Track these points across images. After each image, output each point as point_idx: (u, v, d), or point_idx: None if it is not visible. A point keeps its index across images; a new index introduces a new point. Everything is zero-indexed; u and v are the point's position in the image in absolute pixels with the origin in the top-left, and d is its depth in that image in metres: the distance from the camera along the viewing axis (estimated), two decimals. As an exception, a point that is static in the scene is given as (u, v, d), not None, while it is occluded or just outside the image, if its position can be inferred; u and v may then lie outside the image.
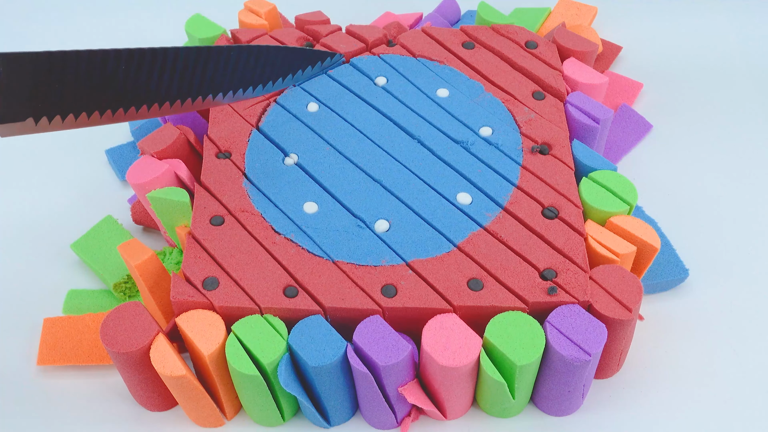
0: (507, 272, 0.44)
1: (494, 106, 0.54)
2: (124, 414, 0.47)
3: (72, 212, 0.59)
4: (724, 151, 0.61)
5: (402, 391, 0.42)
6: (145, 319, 0.43)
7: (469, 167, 0.50)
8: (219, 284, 0.44)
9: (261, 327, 0.42)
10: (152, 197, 0.47)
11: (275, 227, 0.47)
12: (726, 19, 0.72)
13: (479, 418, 0.46)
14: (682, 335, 0.50)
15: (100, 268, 0.54)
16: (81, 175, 0.62)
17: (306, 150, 0.51)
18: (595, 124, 0.53)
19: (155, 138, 0.51)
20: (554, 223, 0.47)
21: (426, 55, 0.58)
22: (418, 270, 0.44)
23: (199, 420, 0.46)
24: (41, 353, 0.49)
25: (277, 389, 0.43)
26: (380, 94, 0.55)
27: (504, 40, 0.59)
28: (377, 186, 0.49)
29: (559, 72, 0.56)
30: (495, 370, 0.41)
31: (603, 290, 0.43)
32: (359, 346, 0.41)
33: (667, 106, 0.65)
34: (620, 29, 0.71)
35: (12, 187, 0.61)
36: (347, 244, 0.46)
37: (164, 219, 0.49)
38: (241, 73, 0.47)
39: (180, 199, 0.47)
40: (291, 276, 0.44)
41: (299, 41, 0.60)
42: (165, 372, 0.41)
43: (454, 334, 0.41)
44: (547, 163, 0.50)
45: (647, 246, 0.46)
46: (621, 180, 0.48)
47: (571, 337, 0.41)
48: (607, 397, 0.47)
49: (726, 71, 0.67)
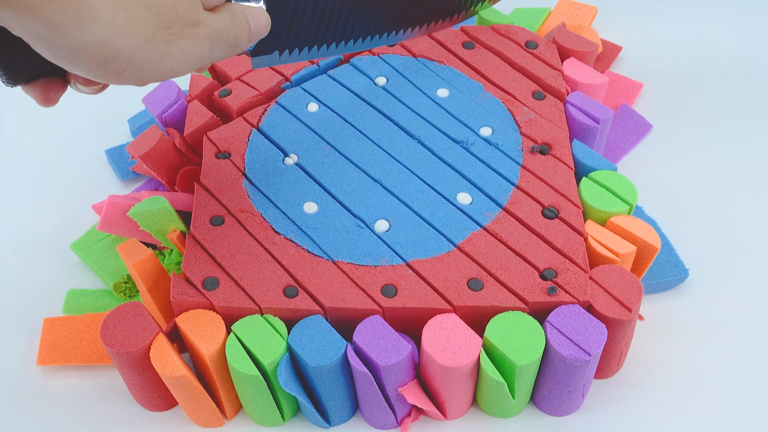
0: (507, 272, 0.44)
1: (494, 106, 0.54)
2: (124, 414, 0.47)
3: (72, 212, 0.59)
4: (724, 151, 0.61)
5: (402, 391, 0.42)
6: (145, 319, 0.43)
7: (469, 167, 0.50)
8: (219, 284, 0.44)
9: (261, 327, 0.42)
10: (133, 214, 0.48)
11: (275, 227, 0.47)
12: (726, 19, 0.72)
13: (479, 418, 0.46)
14: (682, 335, 0.50)
15: (100, 268, 0.54)
16: (81, 175, 0.62)
17: (306, 150, 0.51)
18: (595, 124, 0.52)
19: (140, 141, 0.53)
20: (554, 223, 0.47)
21: (426, 55, 0.58)
22: (418, 270, 0.44)
23: (199, 420, 0.46)
24: (41, 353, 0.49)
25: (277, 389, 0.43)
26: (380, 94, 0.55)
27: (504, 40, 0.59)
28: (377, 186, 0.49)
29: (559, 72, 0.56)
30: (495, 370, 0.41)
31: (603, 290, 0.43)
32: (359, 346, 0.41)
33: (667, 106, 0.65)
34: (620, 29, 0.71)
35: (12, 187, 0.61)
36: (347, 244, 0.46)
37: (153, 231, 0.49)
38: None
39: (159, 206, 0.48)
40: (291, 276, 0.44)
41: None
42: (165, 372, 0.41)
43: (454, 334, 0.41)
44: (547, 163, 0.50)
45: (647, 246, 0.46)
46: (621, 180, 0.48)
47: (571, 337, 0.41)
48: (607, 397, 0.47)
49: (726, 71, 0.67)
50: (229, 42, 0.37)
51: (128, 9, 0.31)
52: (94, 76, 0.33)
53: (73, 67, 0.32)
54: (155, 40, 0.33)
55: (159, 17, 0.33)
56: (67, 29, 0.30)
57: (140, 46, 0.32)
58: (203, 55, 0.35)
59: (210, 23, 0.35)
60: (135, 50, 0.32)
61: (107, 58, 0.32)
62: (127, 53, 0.32)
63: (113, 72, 0.33)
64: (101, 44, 0.31)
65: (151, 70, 0.34)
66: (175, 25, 0.33)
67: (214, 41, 0.36)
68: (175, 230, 0.49)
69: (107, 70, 0.32)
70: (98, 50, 0.31)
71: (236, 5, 0.38)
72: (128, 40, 0.32)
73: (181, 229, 0.49)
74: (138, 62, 0.33)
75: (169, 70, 0.34)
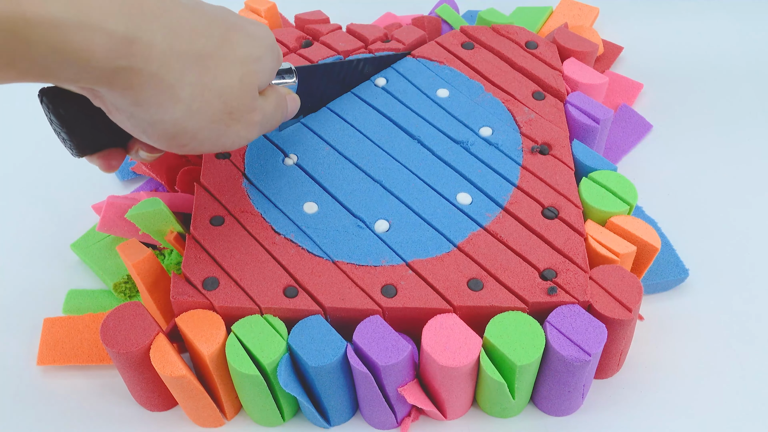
0: (507, 272, 0.44)
1: (494, 106, 0.54)
2: (124, 414, 0.47)
3: (72, 212, 0.59)
4: (725, 151, 0.61)
5: (402, 391, 0.42)
6: (145, 319, 0.43)
7: (469, 167, 0.50)
8: (219, 284, 0.44)
9: (261, 327, 0.42)
10: (131, 216, 0.48)
11: (275, 227, 0.47)
12: (726, 19, 0.72)
13: (479, 418, 0.46)
14: (682, 335, 0.50)
15: (100, 268, 0.54)
16: (81, 175, 0.62)
17: (306, 150, 0.51)
18: (595, 124, 0.52)
19: None
20: (554, 223, 0.47)
21: (426, 56, 0.58)
22: (418, 270, 0.44)
23: (199, 420, 0.46)
24: (41, 353, 0.49)
25: (277, 389, 0.43)
26: (380, 94, 0.55)
27: (504, 40, 0.59)
28: (377, 186, 0.49)
29: (559, 72, 0.56)
30: (495, 370, 0.41)
31: (603, 290, 0.43)
32: (359, 346, 0.41)
33: (667, 106, 0.65)
34: (621, 30, 0.71)
35: (12, 187, 0.61)
36: (347, 244, 0.46)
37: (152, 231, 0.49)
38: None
39: (155, 208, 0.48)
40: (291, 276, 0.44)
41: (298, 40, 0.60)
42: (165, 372, 0.41)
43: (454, 334, 0.41)
44: (547, 163, 0.50)
45: (647, 246, 0.46)
46: (621, 180, 0.48)
47: (571, 337, 0.41)
48: (607, 397, 0.47)
49: (726, 71, 0.67)
50: (272, 124, 0.43)
51: (204, 96, 0.36)
52: (159, 146, 0.38)
53: (144, 137, 0.37)
54: (219, 123, 0.38)
55: (226, 104, 0.37)
56: (151, 107, 0.35)
57: (206, 127, 0.37)
58: (251, 138, 0.40)
59: (262, 109, 0.40)
60: (201, 130, 0.37)
61: (176, 134, 0.37)
62: (193, 131, 0.37)
63: (177, 145, 0.37)
64: (175, 123, 0.36)
65: (209, 146, 0.39)
66: (237, 111, 0.38)
67: (263, 125, 0.41)
68: (172, 231, 0.49)
69: (173, 142, 0.37)
70: (171, 127, 0.36)
71: (280, 88, 0.44)
72: (197, 122, 0.37)
73: (178, 230, 0.49)
74: (200, 139, 0.38)
75: (222, 146, 0.39)
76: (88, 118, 0.39)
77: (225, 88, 0.37)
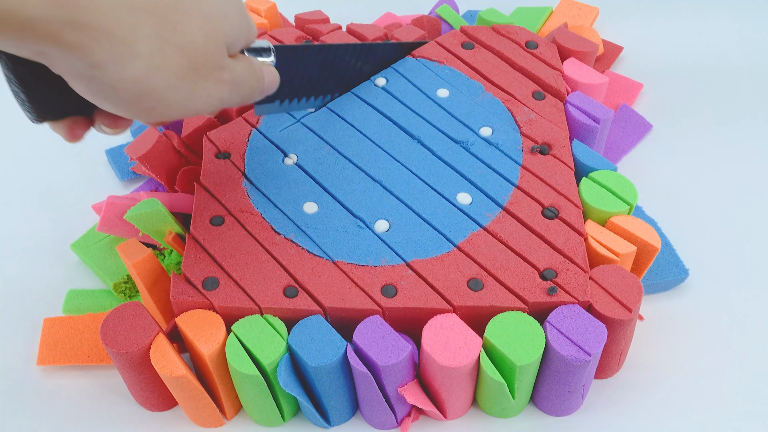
0: (507, 272, 0.44)
1: (494, 106, 0.54)
2: (124, 414, 0.47)
3: (72, 212, 0.59)
4: (725, 151, 0.61)
5: (402, 391, 0.42)
6: (145, 319, 0.43)
7: (469, 167, 0.50)
8: (219, 284, 0.44)
9: (261, 327, 0.42)
10: (129, 217, 0.48)
11: (275, 227, 0.47)
12: (726, 19, 0.72)
13: (479, 418, 0.46)
14: (682, 335, 0.50)
15: (100, 268, 0.54)
16: (81, 175, 0.62)
17: (306, 150, 0.51)
18: (595, 124, 0.52)
19: (138, 143, 0.53)
20: (554, 223, 0.47)
21: (426, 56, 0.58)
22: (418, 270, 0.44)
23: (199, 420, 0.46)
24: (41, 353, 0.49)
25: (277, 389, 0.43)
26: (380, 94, 0.55)
27: (504, 40, 0.59)
28: (377, 186, 0.49)
29: (559, 72, 0.56)
30: (495, 370, 0.41)
31: (603, 290, 0.43)
32: (359, 346, 0.41)
33: (667, 106, 0.65)
34: (621, 30, 0.71)
35: (13, 187, 0.61)
36: (347, 244, 0.46)
37: (151, 232, 0.49)
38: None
39: (153, 208, 0.48)
40: (291, 276, 0.44)
41: (298, 40, 0.60)
42: (165, 372, 0.41)
43: (454, 334, 0.41)
44: (547, 163, 0.50)
45: (647, 246, 0.46)
46: (621, 180, 0.48)
47: (571, 337, 0.41)
48: (607, 397, 0.47)
49: (726, 71, 0.67)
50: (246, 89, 0.40)
51: (164, 50, 0.34)
52: (125, 113, 0.35)
53: (107, 103, 0.34)
54: (185, 80, 0.35)
55: (190, 59, 0.35)
56: (108, 67, 0.32)
57: (172, 84, 0.35)
58: (223, 98, 0.38)
59: (233, 69, 0.38)
60: (167, 88, 0.35)
61: (141, 95, 0.34)
62: (159, 90, 0.34)
63: (144, 108, 0.35)
64: (137, 81, 0.33)
65: (178, 108, 0.36)
66: (203, 68, 0.36)
67: (234, 86, 0.39)
68: (170, 232, 0.49)
69: (139, 106, 0.35)
70: (134, 86, 0.33)
71: (253, 59, 0.41)
72: (161, 79, 0.34)
73: (176, 230, 0.49)
74: (168, 100, 0.35)
75: (193, 108, 0.37)
76: (51, 82, 0.36)
77: (188, 42, 0.35)
